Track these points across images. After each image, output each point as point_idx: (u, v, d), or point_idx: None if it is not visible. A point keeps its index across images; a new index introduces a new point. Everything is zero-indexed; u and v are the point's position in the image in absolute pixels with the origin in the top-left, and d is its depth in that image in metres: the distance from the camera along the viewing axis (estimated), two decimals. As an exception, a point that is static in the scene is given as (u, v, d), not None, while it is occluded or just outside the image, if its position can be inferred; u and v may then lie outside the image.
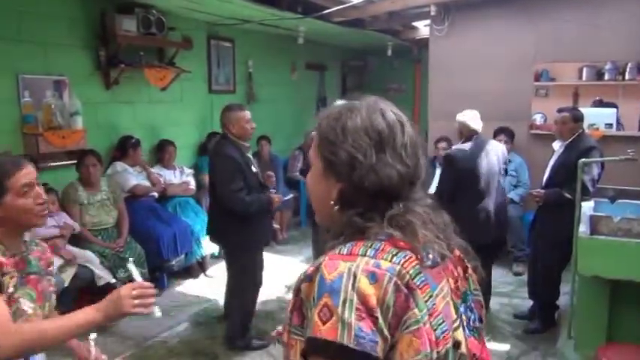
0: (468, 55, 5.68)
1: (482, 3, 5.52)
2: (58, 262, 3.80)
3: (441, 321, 0.91)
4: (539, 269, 3.93)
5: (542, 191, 3.84)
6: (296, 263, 5.44)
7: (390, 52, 7.91)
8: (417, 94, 8.80)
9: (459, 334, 0.94)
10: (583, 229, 3.01)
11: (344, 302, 0.85)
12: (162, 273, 4.72)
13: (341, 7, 5.43)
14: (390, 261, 0.90)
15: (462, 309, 0.99)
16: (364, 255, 0.90)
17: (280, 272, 4.97)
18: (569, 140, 3.80)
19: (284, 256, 5.75)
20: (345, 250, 0.92)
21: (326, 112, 1.06)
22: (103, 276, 3.95)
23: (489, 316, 4.16)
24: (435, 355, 0.88)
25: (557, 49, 5.43)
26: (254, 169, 3.70)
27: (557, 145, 3.90)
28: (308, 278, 0.92)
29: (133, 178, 4.70)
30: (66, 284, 3.77)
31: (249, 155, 3.77)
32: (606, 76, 6.72)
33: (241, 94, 6.52)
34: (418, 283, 0.90)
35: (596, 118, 5.33)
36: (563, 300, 3.97)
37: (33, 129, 4.07)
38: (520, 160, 5.38)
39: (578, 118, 3.79)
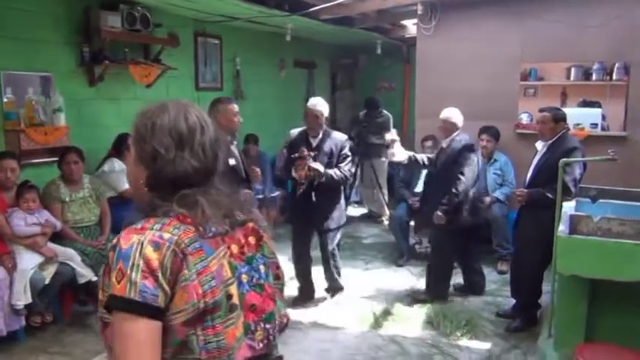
0: (454, 54, 5.69)
1: (470, 2, 5.53)
2: (39, 259, 3.79)
3: (210, 278, 1.15)
4: (522, 268, 3.95)
5: (525, 191, 3.85)
6: (283, 261, 5.41)
7: (379, 51, 7.91)
8: (406, 93, 8.82)
9: (233, 289, 1.18)
10: (562, 228, 3.02)
11: (132, 266, 1.10)
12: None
13: (328, 4, 5.42)
14: (171, 233, 1.14)
15: (244, 269, 1.24)
16: (152, 229, 1.14)
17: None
18: (552, 140, 3.80)
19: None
20: (139, 225, 1.17)
21: (143, 109, 1.28)
22: (85, 274, 3.93)
23: (473, 315, 4.19)
24: (202, 305, 1.12)
25: (544, 49, 5.44)
26: (232, 162, 3.77)
27: (540, 145, 3.91)
28: (112, 248, 1.15)
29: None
30: (47, 282, 3.76)
31: (233, 148, 3.87)
32: (594, 76, 6.80)
33: (229, 92, 6.49)
34: (191, 250, 1.14)
35: (582, 117, 5.35)
36: (545, 299, 3.99)
37: (15, 125, 4.05)
38: (505, 159, 5.39)
39: (559, 118, 3.80)
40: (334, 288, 4.57)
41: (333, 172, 4.13)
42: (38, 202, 3.95)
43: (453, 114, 4.39)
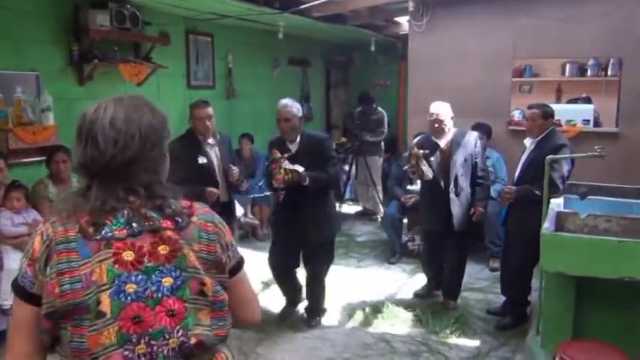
0: (447, 50, 5.67)
1: (462, -2, 5.51)
2: (26, 259, 3.77)
3: (75, 280, 1.16)
4: (511, 265, 3.94)
5: (513, 188, 3.84)
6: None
7: (373, 48, 7.89)
8: (401, 90, 8.79)
9: (104, 295, 1.17)
10: (547, 225, 3.01)
11: (26, 252, 1.23)
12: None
13: (319, 1, 5.40)
14: (54, 229, 1.20)
15: (133, 278, 1.19)
16: (51, 222, 1.23)
17: (258, 268, 4.94)
18: (540, 137, 3.79)
19: (263, 252, 5.71)
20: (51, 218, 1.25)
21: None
22: (73, 273, 3.92)
23: (463, 312, 4.18)
24: (58, 304, 1.16)
25: (538, 46, 5.42)
26: (201, 160, 3.87)
27: (529, 142, 3.89)
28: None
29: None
30: (34, 281, 3.74)
31: (209, 150, 3.96)
32: (589, 72, 6.75)
33: (221, 90, 6.49)
34: (58, 249, 1.18)
35: (574, 114, 5.33)
36: (535, 296, 3.98)
37: (2, 125, 4.03)
38: (497, 155, 5.38)
39: (548, 115, 3.78)
40: (316, 310, 4.09)
41: (317, 173, 3.67)
42: (24, 201, 3.93)
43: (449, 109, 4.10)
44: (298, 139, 3.80)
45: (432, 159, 3.96)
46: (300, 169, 3.61)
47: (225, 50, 6.52)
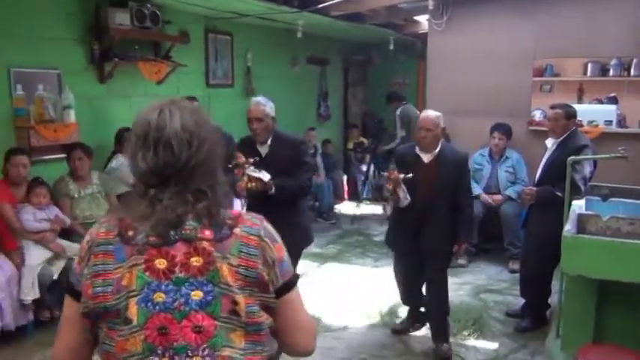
0: (466, 50, 5.62)
1: (482, -3, 5.45)
2: (47, 254, 3.83)
3: (107, 284, 1.16)
4: (531, 267, 3.89)
5: (534, 189, 3.79)
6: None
7: (392, 47, 7.85)
8: (420, 89, 8.74)
9: (131, 302, 1.14)
10: (569, 227, 2.96)
11: (79, 250, 1.25)
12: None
13: (338, 0, 5.38)
14: (97, 230, 1.22)
15: (163, 288, 1.15)
16: (99, 222, 1.25)
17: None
18: (562, 138, 3.74)
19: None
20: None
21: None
22: (93, 269, 3.96)
23: (482, 314, 4.14)
24: (91, 305, 1.17)
25: (559, 45, 5.34)
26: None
27: (550, 143, 3.84)
28: None
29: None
30: (55, 277, 3.80)
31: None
32: (611, 72, 6.64)
33: (240, 88, 6.51)
34: (96, 251, 1.19)
35: (596, 114, 5.25)
36: (555, 298, 3.92)
37: (25, 122, 4.08)
38: (518, 156, 5.32)
39: (571, 115, 3.73)
40: None
41: (285, 182, 3.32)
42: (48, 197, 4.00)
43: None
44: (269, 141, 3.46)
45: (409, 175, 3.31)
46: (266, 177, 3.25)
47: (244, 49, 6.54)
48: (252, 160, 3.25)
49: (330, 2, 5.35)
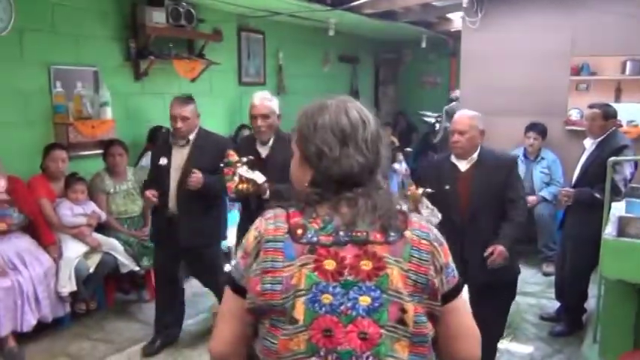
0: (501, 47, 5.52)
1: (518, -6, 5.36)
2: (84, 248, 3.91)
3: (276, 281, 1.13)
4: (567, 270, 3.81)
5: (571, 190, 3.71)
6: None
7: (424, 45, 7.78)
8: (451, 88, 8.64)
9: (299, 301, 1.12)
10: (609, 230, 2.89)
11: (241, 245, 1.23)
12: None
13: (370, -2, 5.36)
14: (266, 226, 1.19)
15: (331, 290, 1.12)
16: (265, 217, 1.21)
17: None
18: (601, 138, 3.64)
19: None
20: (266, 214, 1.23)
21: (303, 110, 1.28)
22: (127, 264, 4.03)
23: (515, 317, 4.07)
24: (259, 301, 1.15)
25: (597, 42, 5.21)
26: (162, 161, 3.38)
27: (589, 143, 3.75)
28: None
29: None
30: (91, 270, 3.88)
31: (176, 150, 3.40)
32: (651, 71, 6.45)
33: (272, 86, 6.53)
34: (266, 247, 1.16)
35: (635, 114, 5.10)
36: (592, 302, 3.84)
37: (63, 119, 4.17)
38: (553, 157, 5.21)
39: (610, 115, 3.63)
40: None
41: (285, 187, 3.03)
42: (86, 193, 4.08)
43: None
44: (272, 141, 3.18)
45: (446, 187, 2.86)
46: (261, 178, 2.96)
47: (275, 47, 6.56)
48: (245, 160, 2.98)
49: (364, 0, 5.32)
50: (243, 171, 2.93)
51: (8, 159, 3.79)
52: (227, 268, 3.71)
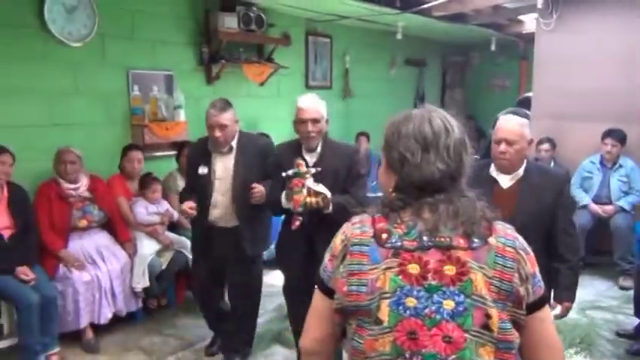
0: (577, 49, 5.29)
1: (596, -6, 5.13)
2: (157, 246, 4.05)
3: (362, 283, 1.18)
4: (648, 285, 3.60)
5: (655, 200, 3.50)
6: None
7: (493, 47, 7.59)
8: (521, 92, 8.37)
9: (383, 303, 1.16)
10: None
11: (329, 248, 1.30)
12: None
13: (441, 0, 5.27)
14: (353, 229, 1.25)
15: (415, 293, 1.15)
16: (352, 222, 1.27)
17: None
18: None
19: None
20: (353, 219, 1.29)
21: (390, 119, 1.32)
22: (197, 262, 4.14)
23: (589, 332, 3.89)
24: (345, 302, 1.20)
25: (682, 43, 4.90)
26: (201, 170, 3.19)
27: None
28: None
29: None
30: (163, 267, 4.02)
31: (216, 159, 3.21)
32: None
33: (338, 90, 6.56)
34: (351, 250, 1.21)
35: None
36: (675, 321, 3.62)
37: (140, 120, 4.36)
38: (632, 165, 4.94)
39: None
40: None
41: (344, 199, 2.74)
42: (160, 193, 4.23)
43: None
44: (320, 147, 2.88)
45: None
46: (328, 192, 2.71)
47: (342, 51, 6.59)
48: (313, 170, 2.72)
49: (433, 3, 5.25)
50: (311, 183, 2.70)
51: (91, 158, 3.97)
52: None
